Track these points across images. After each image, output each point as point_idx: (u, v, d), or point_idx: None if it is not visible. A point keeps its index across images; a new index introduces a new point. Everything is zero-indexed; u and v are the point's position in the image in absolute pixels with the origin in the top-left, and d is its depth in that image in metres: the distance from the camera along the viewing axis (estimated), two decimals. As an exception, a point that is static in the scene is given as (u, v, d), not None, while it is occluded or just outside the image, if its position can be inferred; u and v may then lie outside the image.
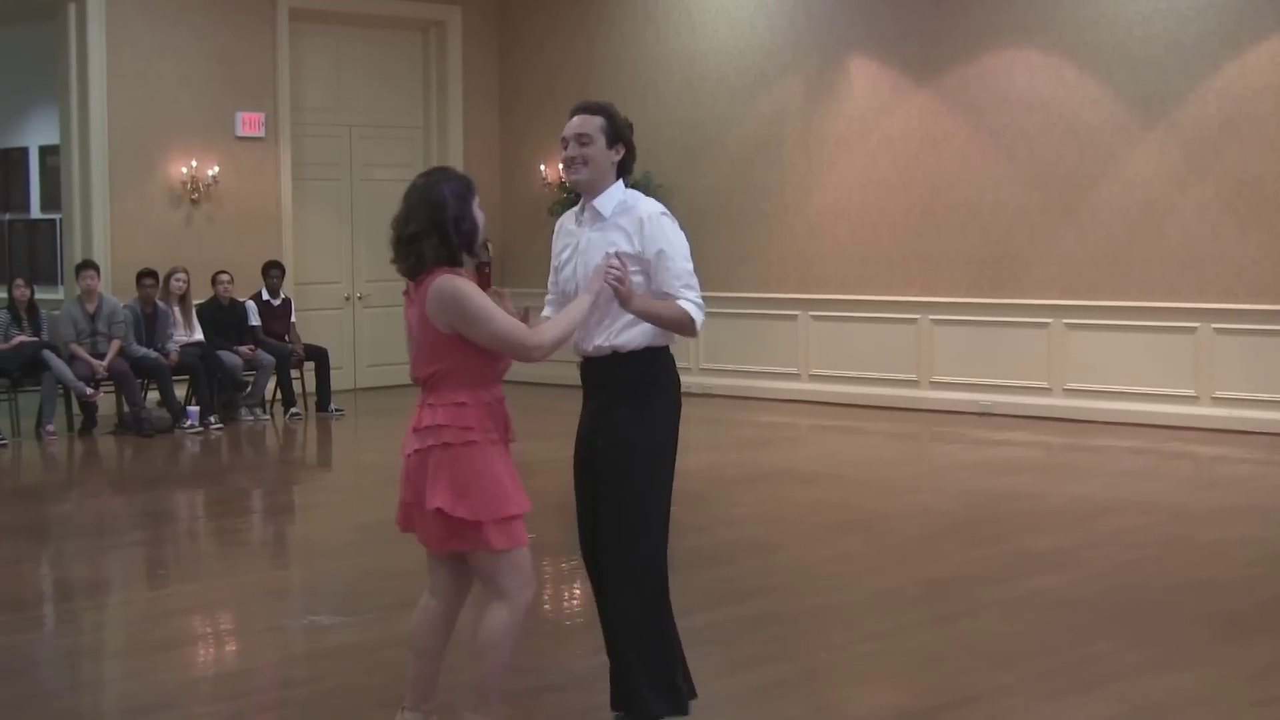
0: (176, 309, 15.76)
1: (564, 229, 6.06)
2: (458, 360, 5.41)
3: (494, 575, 5.44)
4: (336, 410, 16.32)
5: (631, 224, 5.78)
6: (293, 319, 16.68)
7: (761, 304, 17.23)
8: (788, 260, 17.02)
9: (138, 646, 7.69)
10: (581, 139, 5.79)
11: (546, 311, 6.12)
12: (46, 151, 18.77)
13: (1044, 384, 15.24)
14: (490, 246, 20.42)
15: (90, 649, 7.85)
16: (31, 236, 19.46)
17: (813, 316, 16.86)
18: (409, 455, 5.45)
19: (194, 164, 16.88)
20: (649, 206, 5.84)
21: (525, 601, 5.49)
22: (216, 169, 17.02)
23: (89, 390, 14.88)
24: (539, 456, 13.73)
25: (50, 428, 14.72)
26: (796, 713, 6.40)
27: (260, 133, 17.46)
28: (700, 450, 14.33)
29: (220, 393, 15.68)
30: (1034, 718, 6.28)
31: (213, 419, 15.27)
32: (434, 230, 5.48)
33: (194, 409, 15.31)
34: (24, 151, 19.58)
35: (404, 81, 18.96)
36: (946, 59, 15.76)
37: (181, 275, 15.79)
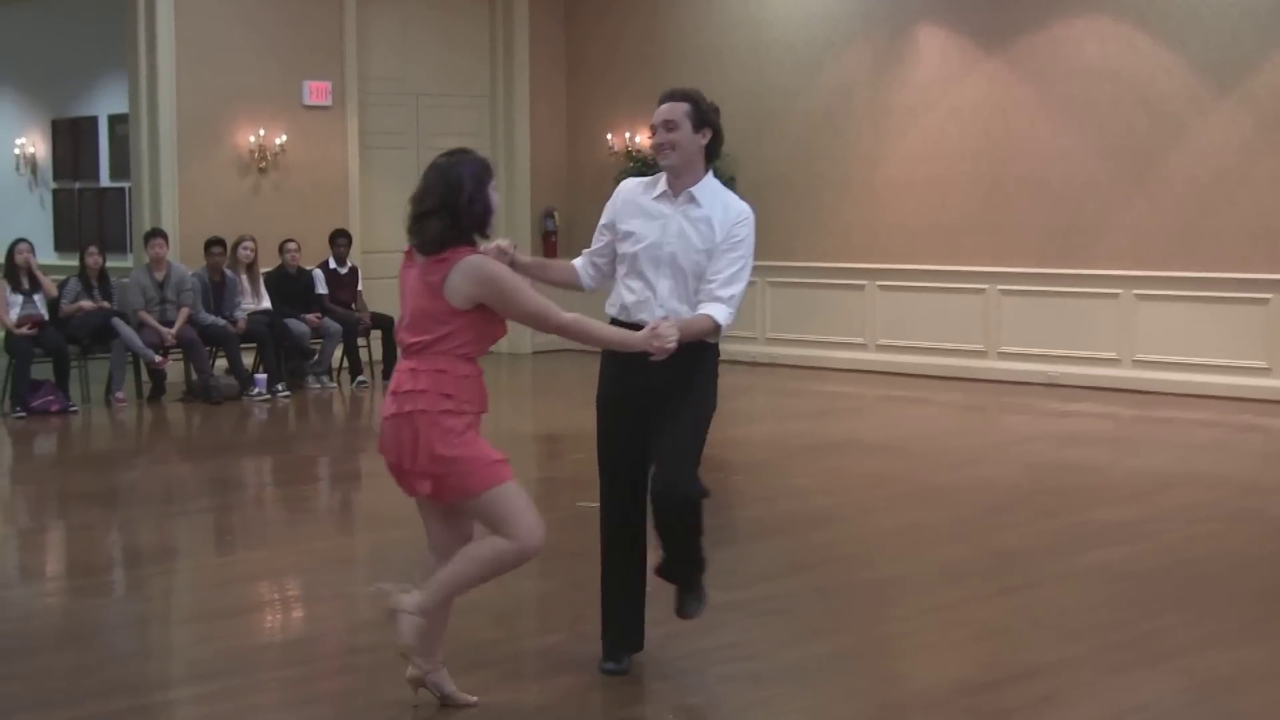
0: (244, 277, 15.83)
1: (634, 202, 6.26)
2: (458, 332, 5.68)
3: (497, 522, 5.71)
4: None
5: (725, 217, 6.14)
6: (359, 287, 16.73)
7: (828, 274, 17.14)
8: (855, 230, 16.93)
9: (205, 612, 7.75)
10: (669, 125, 6.14)
11: (579, 262, 6.41)
12: (116, 120, 18.88)
13: (1113, 355, 15.12)
14: (557, 215, 20.52)
15: (158, 615, 7.92)
16: (101, 205, 19.61)
17: (880, 286, 16.78)
18: (388, 418, 5.72)
19: (261, 133, 16.95)
20: (743, 206, 6.24)
21: (531, 545, 5.77)
22: (284, 138, 17.08)
23: (158, 358, 14.98)
24: (589, 425, 13.75)
25: (119, 395, 14.84)
26: (859, 684, 6.39)
27: (327, 101, 17.51)
28: (765, 420, 14.32)
29: (287, 361, 15.76)
30: (1099, 692, 6.24)
31: (280, 387, 15.35)
32: (446, 210, 5.68)
33: (261, 377, 15.40)
34: (93, 120, 19.71)
35: (470, 50, 18.96)
36: (1016, 28, 15.61)
37: (249, 243, 15.86)
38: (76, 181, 20.06)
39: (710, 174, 6.26)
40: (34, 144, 20.59)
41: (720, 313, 6.14)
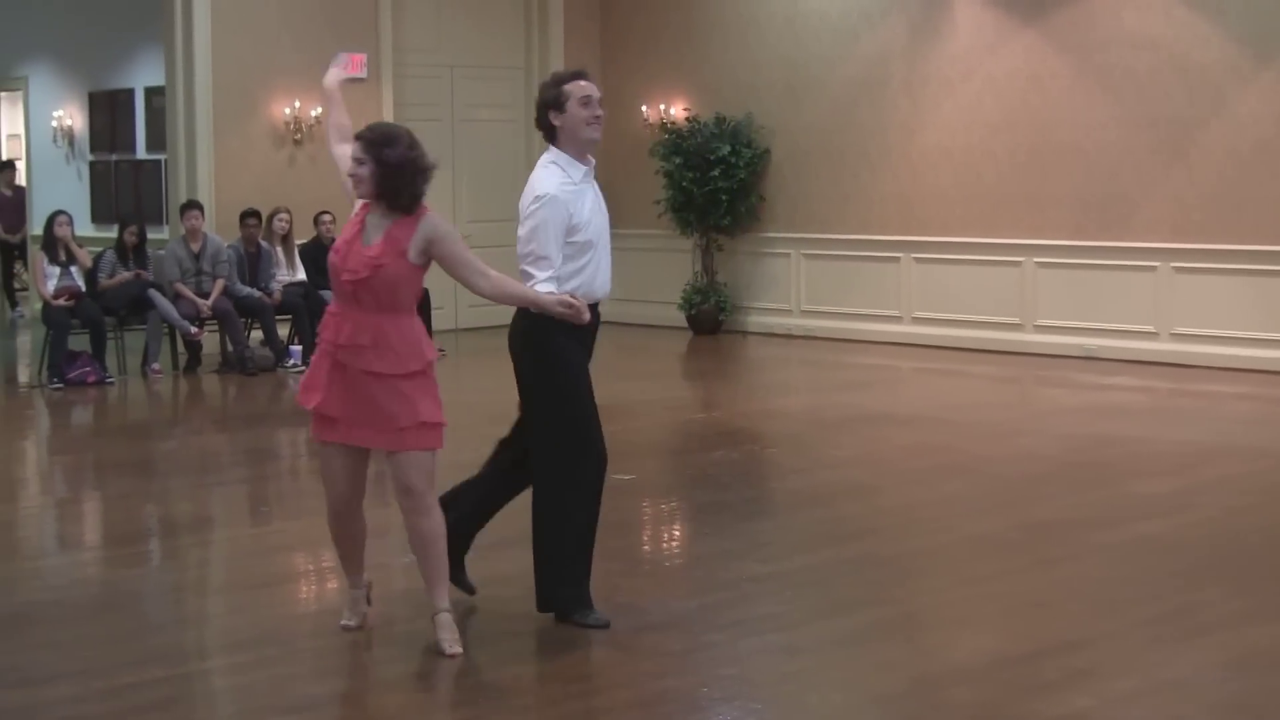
0: (279, 249, 15.86)
1: (571, 189, 6.50)
2: (405, 290, 6.25)
3: (426, 474, 6.37)
4: (439, 350, 16.34)
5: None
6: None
7: (863, 245, 17.08)
8: (890, 201, 16.86)
9: (241, 582, 7.77)
10: (601, 102, 6.59)
11: (554, 286, 6.49)
12: (152, 93, 18.89)
13: (1150, 328, 15.02)
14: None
15: (194, 584, 7.95)
16: (137, 177, 19.64)
17: (915, 259, 16.70)
18: (388, 375, 6.26)
19: (297, 105, 16.95)
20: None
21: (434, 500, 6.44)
22: (319, 110, 17.07)
23: (193, 329, 15.03)
24: (634, 397, 13.76)
25: (155, 366, 14.89)
26: (895, 656, 6.37)
27: (362, 74, 17.49)
28: (801, 392, 14.30)
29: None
30: (1137, 665, 6.21)
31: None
32: (422, 176, 6.31)
33: (296, 348, 15.42)
34: (130, 93, 19.72)
35: (505, 21, 18.92)
36: (1054, -3, 15.52)
37: (284, 215, 15.88)
38: (113, 154, 20.09)
39: None
40: (71, 116, 20.63)
41: None
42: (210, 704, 6.07)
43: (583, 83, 6.57)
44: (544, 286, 6.34)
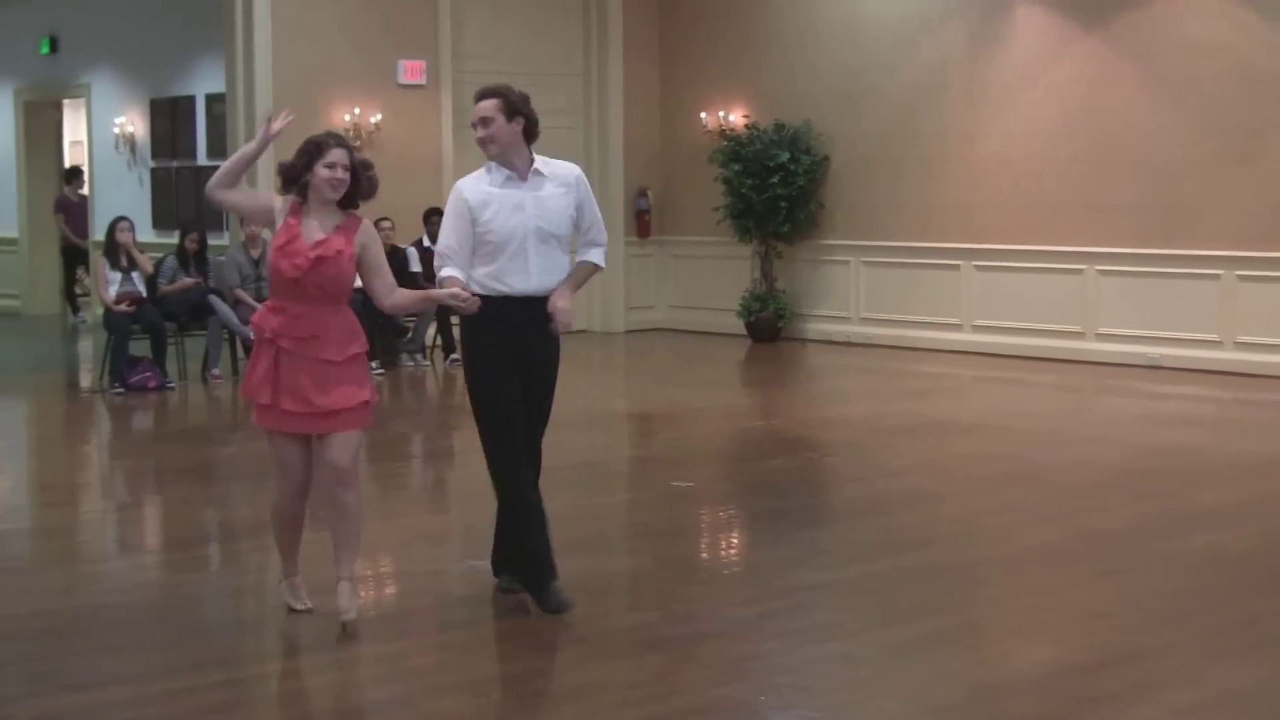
0: (339, 255, 15.88)
1: (483, 191, 6.98)
2: (349, 282, 6.86)
3: (355, 451, 6.94)
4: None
5: (567, 180, 7.05)
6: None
7: (922, 253, 17.01)
8: (949, 209, 16.78)
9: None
10: (485, 122, 6.92)
11: (451, 271, 6.99)
12: (213, 100, 19.02)
13: (1214, 337, 14.88)
14: (650, 193, 20.48)
15: (253, 589, 7.96)
16: (198, 183, 19.61)
17: (975, 266, 16.61)
18: (337, 361, 6.85)
19: (356, 111, 17.02)
20: (574, 168, 7.16)
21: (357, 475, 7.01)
22: (379, 116, 17.15)
23: (253, 334, 15.07)
24: (693, 404, 13.74)
25: (215, 371, 14.96)
26: (956, 666, 6.31)
27: (421, 80, 17.57)
28: (860, 400, 14.24)
29: (381, 338, 15.82)
30: (1200, 677, 6.14)
31: (374, 364, 15.41)
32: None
33: (357, 353, 15.43)
34: (191, 100, 19.86)
35: (563, 28, 18.94)
36: (1116, 3, 15.39)
37: (344, 222, 15.90)
38: (174, 160, 20.23)
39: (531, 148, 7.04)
40: (133, 123, 20.79)
41: (599, 256, 7.17)
42: (269, 708, 6.08)
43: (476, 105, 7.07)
44: (446, 272, 6.98)
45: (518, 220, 6.90)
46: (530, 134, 6.98)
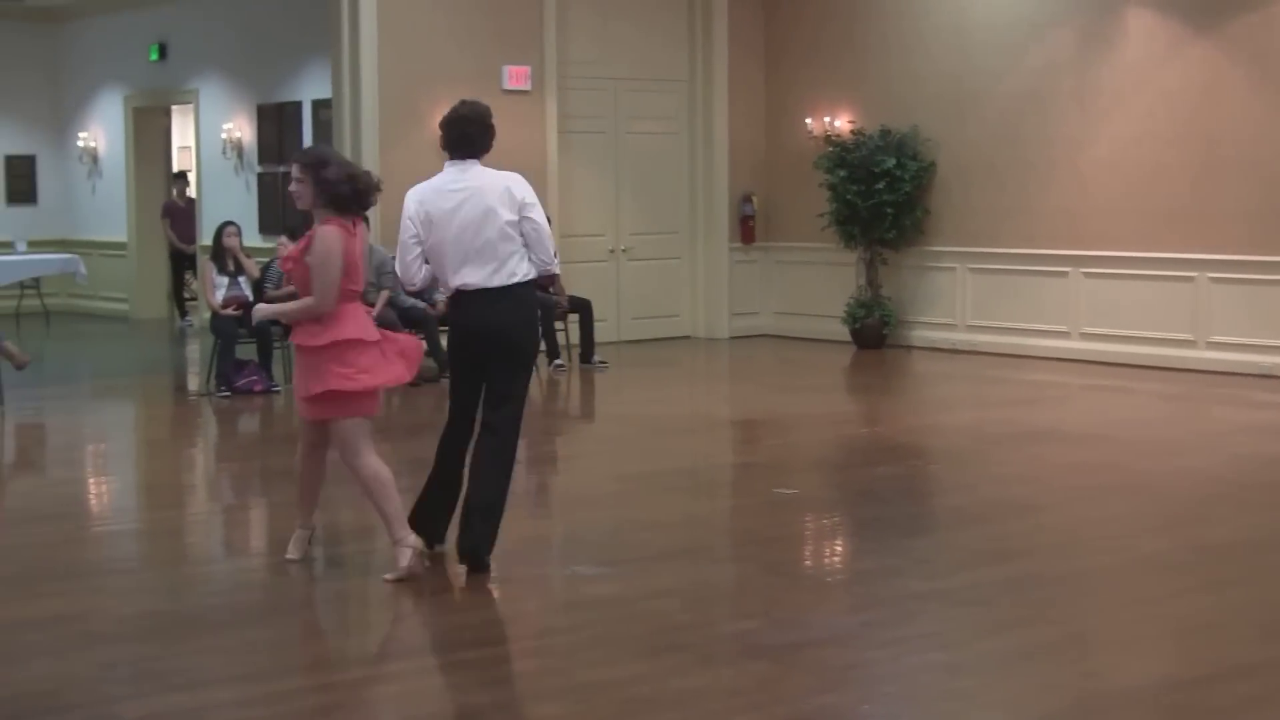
0: (444, 260, 15.96)
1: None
2: (308, 287, 7.78)
3: (346, 440, 7.94)
4: (600, 362, 16.42)
5: None
6: (557, 271, 16.79)
7: (1030, 260, 16.84)
8: (1058, 215, 16.61)
9: (402, 591, 7.79)
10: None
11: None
12: (319, 105, 19.18)
13: (1328, 345, 14.65)
14: (755, 199, 20.45)
15: (357, 592, 8.00)
16: (305, 188, 19.94)
17: (1084, 273, 16.43)
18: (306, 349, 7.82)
19: (462, 117, 17.08)
20: None
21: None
22: (485, 122, 17.19)
23: (359, 339, 15.18)
24: (797, 411, 13.70)
25: (322, 375, 15.05)
26: (1061, 678, 6.24)
27: (526, 86, 17.62)
28: (965, 408, 14.13)
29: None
30: (1314, 691, 6.04)
31: (478, 369, 15.45)
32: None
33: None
34: (297, 105, 20.05)
35: (669, 34, 18.94)
36: (1229, 7, 15.17)
37: (449, 227, 15.98)
38: (281, 165, 20.41)
39: None
40: (240, 128, 21.01)
41: None
42: (372, 711, 6.11)
43: None
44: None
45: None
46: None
